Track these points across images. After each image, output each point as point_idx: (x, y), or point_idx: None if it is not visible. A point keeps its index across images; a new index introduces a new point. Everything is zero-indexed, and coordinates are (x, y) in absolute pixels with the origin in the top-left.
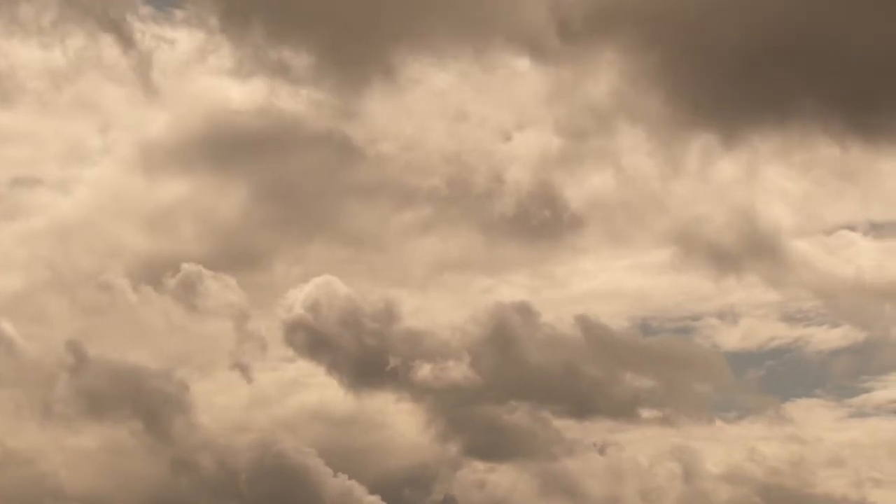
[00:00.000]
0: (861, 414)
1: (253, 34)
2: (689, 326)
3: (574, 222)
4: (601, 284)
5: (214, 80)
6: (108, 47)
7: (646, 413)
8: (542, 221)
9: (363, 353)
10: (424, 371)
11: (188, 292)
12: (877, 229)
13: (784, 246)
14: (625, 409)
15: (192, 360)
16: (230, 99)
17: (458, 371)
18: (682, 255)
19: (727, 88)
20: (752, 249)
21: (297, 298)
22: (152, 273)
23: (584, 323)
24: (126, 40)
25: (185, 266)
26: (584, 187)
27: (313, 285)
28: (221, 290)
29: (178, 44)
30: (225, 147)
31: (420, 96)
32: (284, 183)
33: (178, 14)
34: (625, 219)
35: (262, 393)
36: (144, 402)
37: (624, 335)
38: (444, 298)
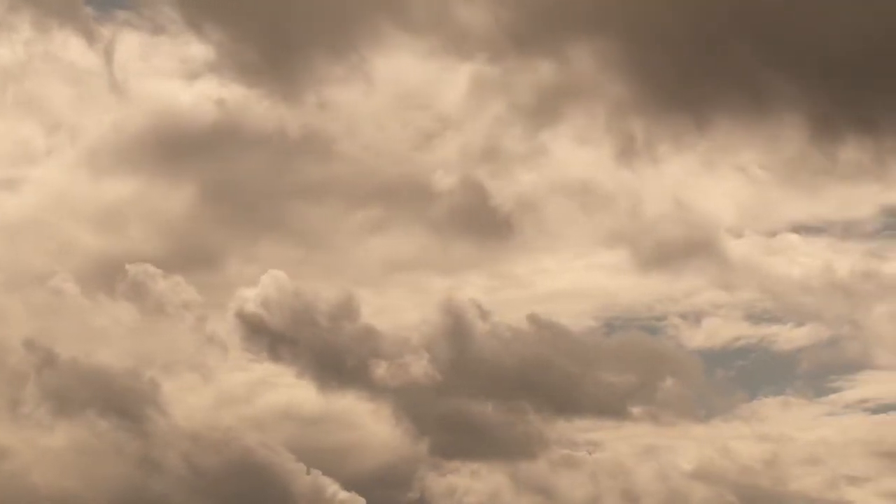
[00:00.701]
0: (832, 413)
1: (200, 34)
2: (654, 326)
3: (522, 221)
4: (560, 284)
5: (162, 80)
6: (56, 47)
7: (618, 412)
8: (492, 220)
9: (324, 352)
10: (384, 369)
11: (140, 292)
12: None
13: (728, 246)
14: (596, 409)
15: (154, 360)
16: (178, 99)
17: (419, 369)
18: (636, 255)
19: (681, 85)
20: (698, 249)
21: (252, 298)
22: (104, 273)
23: (542, 322)
24: (74, 40)
25: (137, 266)
26: (534, 186)
27: (267, 284)
28: (174, 289)
29: (125, 44)
30: (173, 146)
31: (371, 95)
32: (234, 182)
33: (122, 15)
34: (575, 218)
35: (228, 392)
36: (114, 401)
37: (586, 334)
38: (400, 297)
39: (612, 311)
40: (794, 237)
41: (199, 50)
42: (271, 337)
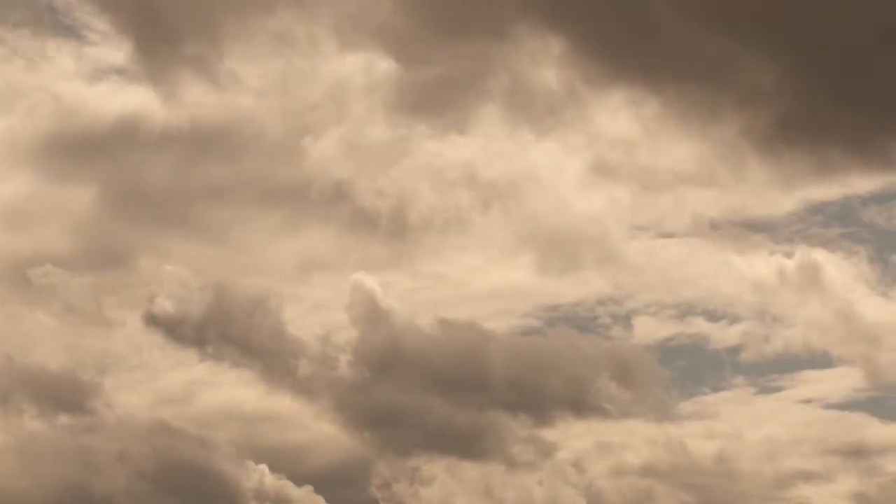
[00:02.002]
0: (777, 410)
1: (104, 35)
2: (586, 325)
3: (436, 222)
4: (484, 283)
5: (63, 80)
6: None
7: (563, 410)
8: (406, 220)
9: (245, 351)
10: (310, 368)
11: (51, 293)
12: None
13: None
14: (541, 407)
15: (84, 361)
16: (82, 99)
17: (345, 367)
18: (555, 254)
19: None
20: (619, 248)
21: (165, 297)
22: (13, 273)
23: (469, 321)
24: None
25: (46, 267)
26: (450, 185)
27: (179, 284)
28: (83, 289)
29: (26, 44)
30: (76, 147)
31: (281, 93)
32: (139, 181)
33: (17, 14)
34: (496, 217)
35: (166, 392)
36: (55, 400)
37: (516, 333)
38: (315, 296)
39: (540, 310)
40: (718, 235)
41: (103, 50)
42: (190, 336)
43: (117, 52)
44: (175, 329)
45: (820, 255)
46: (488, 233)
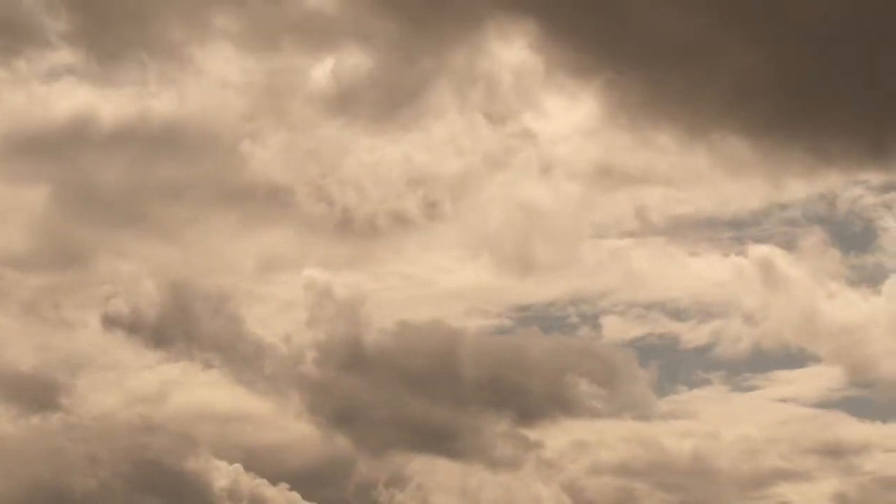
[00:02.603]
0: (753, 409)
1: (56, 34)
2: (555, 325)
3: (394, 221)
4: (449, 283)
5: (16, 81)
6: None
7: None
8: (360, 221)
9: (209, 352)
10: (276, 367)
11: (6, 295)
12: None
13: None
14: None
15: (51, 362)
16: (33, 99)
17: (310, 367)
18: (523, 255)
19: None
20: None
21: (124, 297)
22: None
23: (434, 320)
24: None
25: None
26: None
27: (140, 284)
28: (39, 290)
29: None
30: (30, 147)
31: (234, 93)
32: (93, 182)
33: None
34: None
35: (137, 392)
36: (26, 402)
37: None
38: (276, 296)
39: (507, 310)
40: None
41: (56, 51)
42: (153, 336)
43: (71, 52)
44: (135, 329)
45: (785, 253)
46: (449, 232)
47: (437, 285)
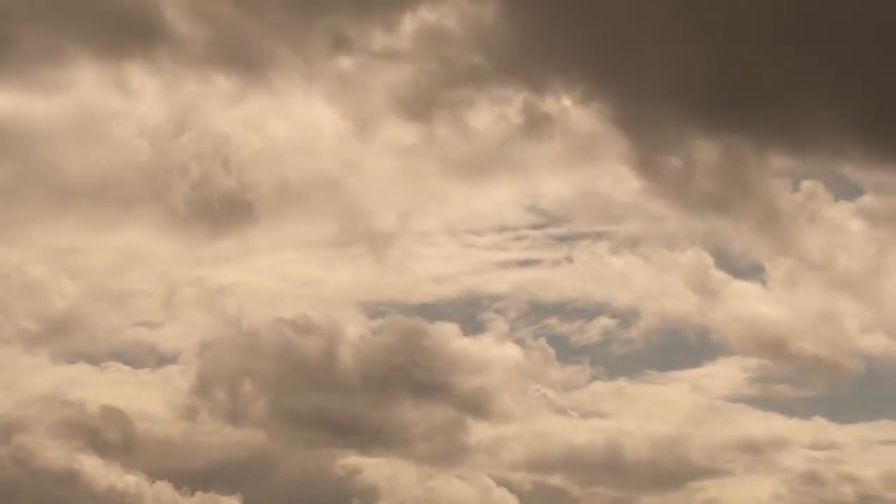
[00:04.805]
0: (661, 404)
1: None
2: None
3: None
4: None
5: None
6: None
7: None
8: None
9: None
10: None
11: None
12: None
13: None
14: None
15: None
16: None
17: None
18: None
19: None
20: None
21: None
22: None
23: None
24: None
25: None
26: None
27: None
28: None
29: None
30: None
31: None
32: None
33: None
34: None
35: (30, 393)
36: None
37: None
38: (136, 293)
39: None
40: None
41: None
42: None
43: None
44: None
45: (672, 248)
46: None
47: (311, 281)
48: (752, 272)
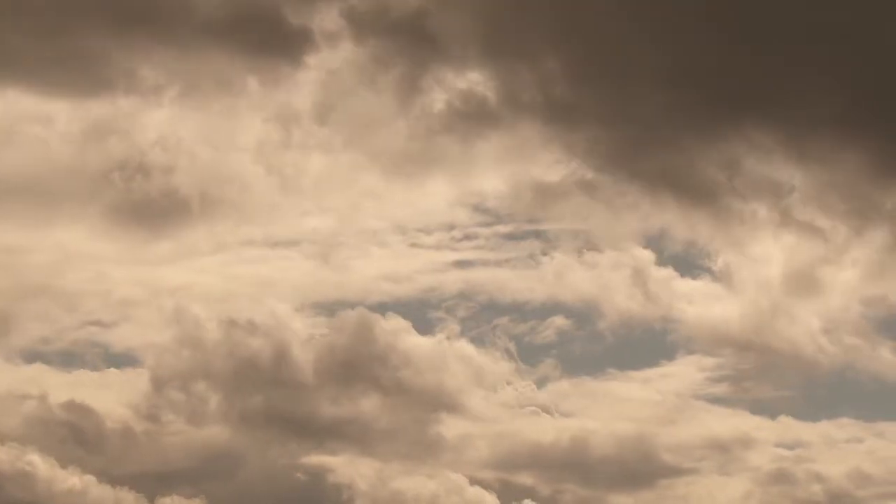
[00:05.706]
0: (623, 401)
1: None
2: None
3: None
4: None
5: None
6: None
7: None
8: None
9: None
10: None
11: None
12: None
13: None
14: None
15: None
16: None
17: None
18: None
19: None
20: None
21: None
22: None
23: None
24: None
25: None
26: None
27: None
28: None
29: None
30: None
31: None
32: None
33: None
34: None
35: None
36: None
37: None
38: (79, 292)
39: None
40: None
41: None
42: None
43: None
44: None
45: (620, 246)
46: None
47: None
48: (702, 269)
